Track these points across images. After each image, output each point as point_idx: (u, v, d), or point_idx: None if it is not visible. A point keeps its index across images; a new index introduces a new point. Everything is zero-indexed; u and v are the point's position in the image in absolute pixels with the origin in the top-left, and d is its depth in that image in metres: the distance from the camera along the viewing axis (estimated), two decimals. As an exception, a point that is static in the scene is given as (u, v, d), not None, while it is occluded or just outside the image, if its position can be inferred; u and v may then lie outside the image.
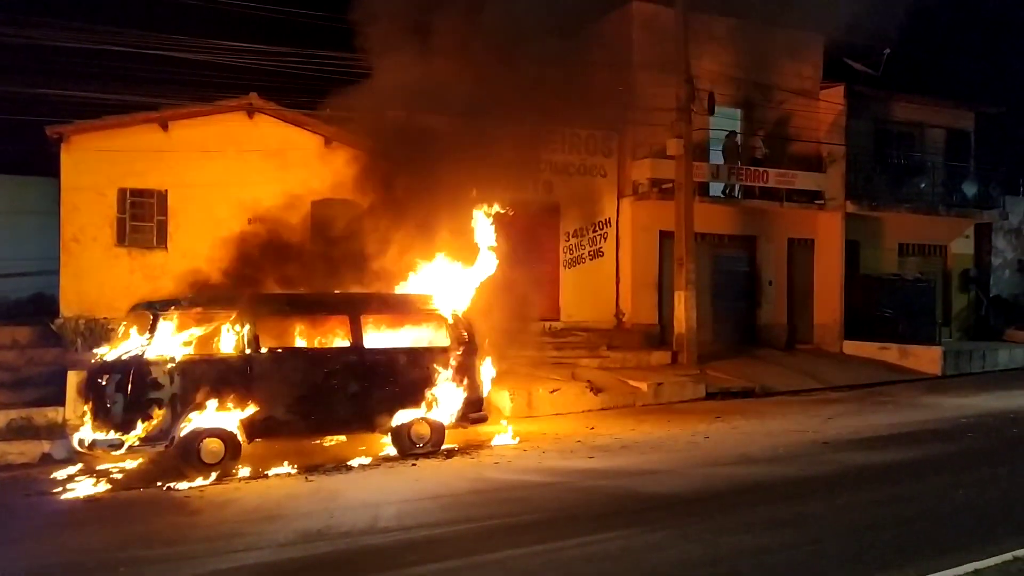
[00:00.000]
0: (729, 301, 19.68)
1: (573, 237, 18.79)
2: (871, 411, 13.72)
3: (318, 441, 10.79)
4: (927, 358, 18.50)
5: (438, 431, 10.84)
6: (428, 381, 10.85)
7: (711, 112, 18.33)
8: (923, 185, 21.82)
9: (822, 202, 20.08)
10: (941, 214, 21.79)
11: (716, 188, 19.46)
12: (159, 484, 9.11)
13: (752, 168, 19.30)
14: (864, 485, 8.63)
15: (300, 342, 10.69)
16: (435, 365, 10.94)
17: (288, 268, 12.12)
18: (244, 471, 9.59)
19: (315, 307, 10.96)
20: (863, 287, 20.43)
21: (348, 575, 6.19)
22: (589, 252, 18.89)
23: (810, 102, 20.15)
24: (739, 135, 19.69)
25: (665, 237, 18.58)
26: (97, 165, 14.31)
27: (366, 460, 10.28)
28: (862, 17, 17.37)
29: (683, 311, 17.50)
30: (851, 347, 19.71)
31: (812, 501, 7.97)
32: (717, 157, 19.62)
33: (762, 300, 20.17)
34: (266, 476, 9.54)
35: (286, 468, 9.76)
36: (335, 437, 10.93)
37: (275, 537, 7.06)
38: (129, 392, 9.23)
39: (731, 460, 9.94)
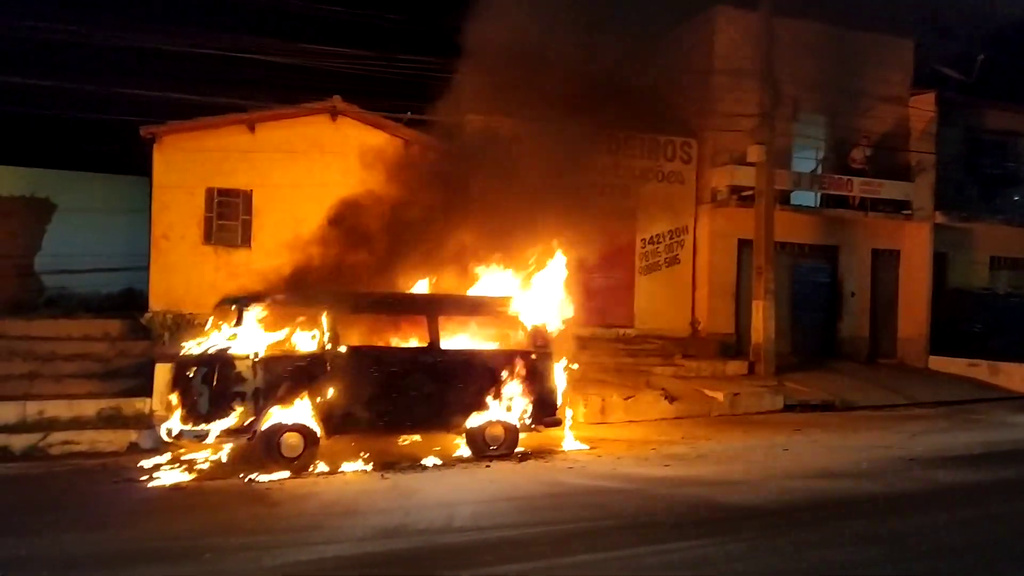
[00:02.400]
0: (808, 312, 19.23)
1: (649, 244, 18.63)
2: (960, 429, 13.23)
3: (393, 439, 10.88)
4: (1020, 376, 17.73)
5: (512, 433, 10.84)
6: (503, 383, 10.84)
7: (795, 118, 17.98)
8: (1016, 197, 20.99)
9: (909, 212, 19.45)
10: (1035, 226, 20.93)
11: (797, 197, 19.06)
12: (241, 476, 9.31)
13: (836, 176, 18.84)
14: (954, 504, 8.32)
15: (379, 341, 10.81)
16: (511, 367, 10.93)
17: (366, 268, 12.28)
18: (322, 466, 9.73)
19: (394, 307, 11.07)
20: (951, 301, 19.74)
21: (426, 572, 6.19)
22: (665, 259, 18.70)
23: (899, 109, 19.60)
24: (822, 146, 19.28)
25: (743, 245, 18.29)
26: (187, 165, 14.75)
27: (440, 460, 10.32)
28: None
29: (761, 321, 17.18)
30: (937, 362, 19.05)
31: (899, 519, 7.69)
32: (799, 165, 19.24)
33: (843, 312, 19.66)
34: (343, 472, 9.66)
35: (362, 465, 9.86)
36: (409, 436, 11.02)
37: (353, 532, 7.13)
38: (214, 385, 9.45)
39: (812, 473, 9.68)
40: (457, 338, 11.08)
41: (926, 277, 19.73)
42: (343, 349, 10.07)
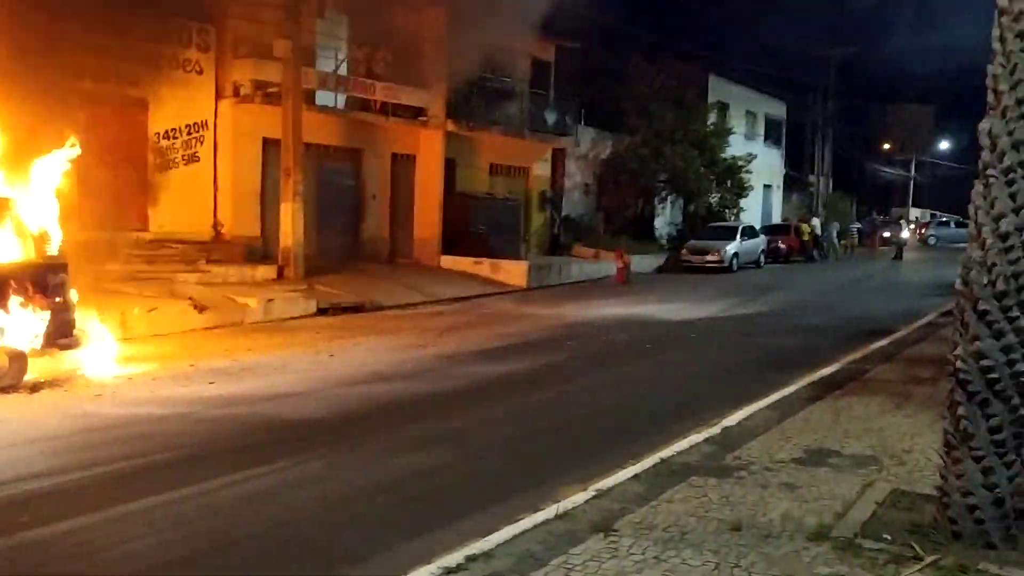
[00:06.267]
0: (334, 214, 19.33)
1: (164, 139, 16.95)
2: (478, 324, 14.37)
3: None
4: (515, 272, 19.94)
5: (18, 361, 9.02)
6: (3, 302, 8.99)
7: (321, 15, 17.47)
8: (512, 110, 23.17)
9: (425, 119, 20.40)
10: (526, 138, 23.42)
11: (322, 97, 18.74)
12: None
13: (361, 80, 18.89)
14: (499, 396, 8.96)
15: None
16: (13, 282, 9.11)
17: None
18: None
19: None
20: (459, 204, 21.33)
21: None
22: (183, 156, 17.19)
23: (414, 17, 20.09)
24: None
25: (269, 144, 17.61)
26: None
27: (-83, 402, 8.25)
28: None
29: (290, 224, 16.79)
30: (448, 262, 20.54)
31: (456, 416, 8.04)
32: (324, 65, 18.85)
33: (366, 214, 20.16)
34: None
35: None
36: None
37: None
38: None
39: (363, 378, 9.70)
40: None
41: (439, 181, 20.98)
42: None
